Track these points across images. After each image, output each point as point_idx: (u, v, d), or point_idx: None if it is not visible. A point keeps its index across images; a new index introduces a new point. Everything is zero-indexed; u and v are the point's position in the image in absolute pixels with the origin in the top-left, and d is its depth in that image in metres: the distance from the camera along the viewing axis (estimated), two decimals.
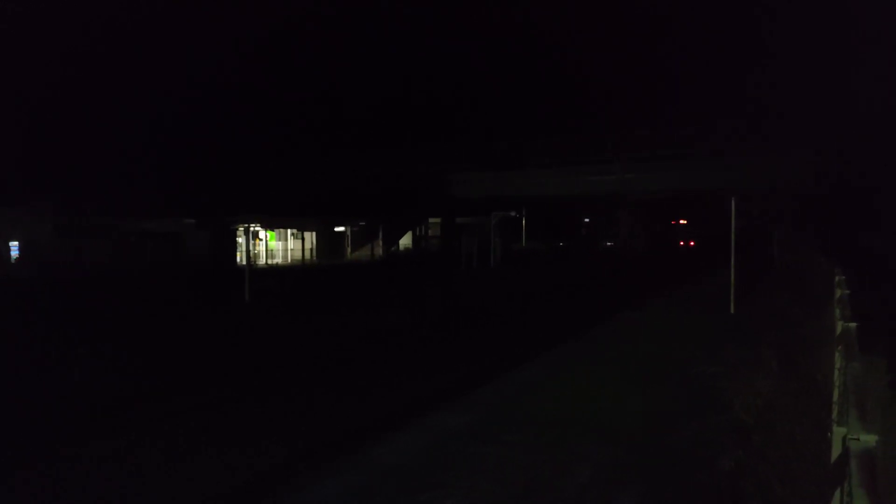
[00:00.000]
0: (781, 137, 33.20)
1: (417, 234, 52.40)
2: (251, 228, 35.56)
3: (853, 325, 5.06)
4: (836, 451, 2.76)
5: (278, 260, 41.96)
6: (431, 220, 52.80)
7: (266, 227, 40.45)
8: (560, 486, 5.26)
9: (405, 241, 51.07)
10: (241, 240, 37.65)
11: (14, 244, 29.52)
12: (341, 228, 45.57)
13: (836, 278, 9.47)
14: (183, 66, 37.53)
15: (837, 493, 2.56)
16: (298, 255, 43.09)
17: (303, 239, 43.56)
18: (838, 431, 2.76)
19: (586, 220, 74.29)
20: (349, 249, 46.34)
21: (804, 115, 32.06)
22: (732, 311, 14.79)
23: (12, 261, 29.28)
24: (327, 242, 44.59)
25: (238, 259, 36.79)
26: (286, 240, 43.34)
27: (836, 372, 4.75)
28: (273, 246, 42.35)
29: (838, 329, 5.69)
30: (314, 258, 43.34)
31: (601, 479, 5.40)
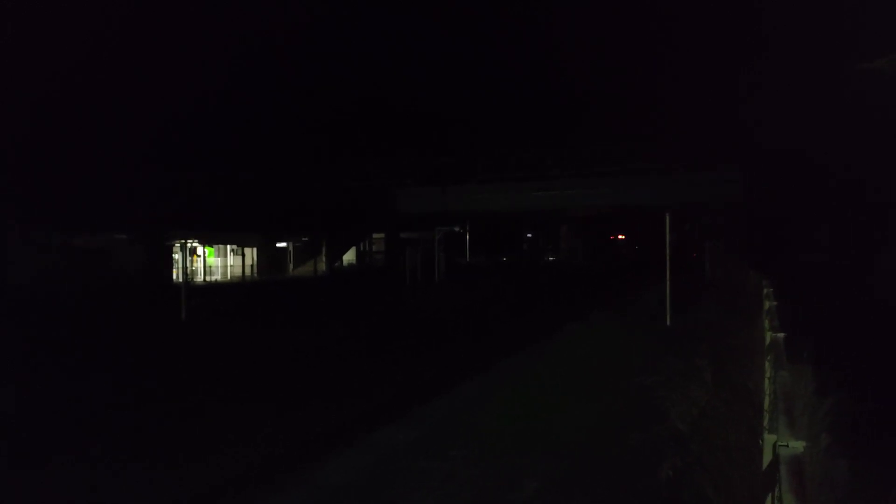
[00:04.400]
0: (711, 154, 34.76)
1: (361, 249, 51.99)
2: (188, 244, 34.48)
3: (781, 335, 5.28)
4: (767, 458, 2.86)
5: (217, 277, 40.83)
6: (375, 235, 52.52)
7: (204, 242, 39.31)
8: (507, 500, 5.28)
9: (349, 256, 50.57)
10: (177, 256, 36.45)
11: None
12: (283, 244, 44.75)
13: (765, 291, 9.89)
14: (116, 70, 36.17)
15: (769, 499, 2.66)
16: (238, 271, 42.04)
17: (243, 255, 42.55)
18: (769, 438, 2.87)
19: (529, 235, 75.51)
20: (291, 265, 45.53)
21: (733, 132, 33.64)
22: (668, 322, 15.23)
23: None
24: (269, 258, 43.70)
25: (174, 276, 35.59)
26: (226, 256, 42.24)
27: (767, 380, 4.95)
28: (212, 262, 41.18)
29: (767, 339, 5.94)
30: (255, 274, 42.38)
31: (547, 491, 5.44)
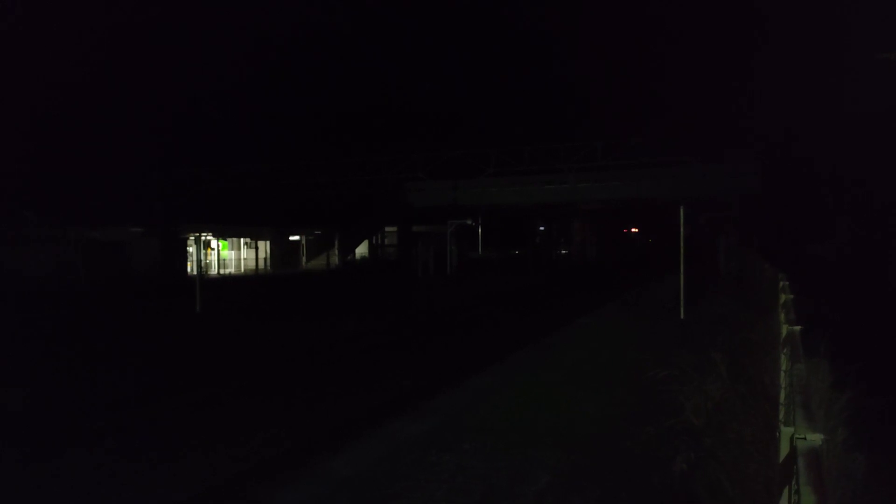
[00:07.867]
0: (724, 147, 34.46)
1: (374, 242, 52.01)
2: (203, 237, 34.70)
3: (797, 328, 5.22)
4: (783, 451, 2.83)
5: (231, 270, 41.06)
6: (388, 228, 52.51)
7: (218, 235, 39.54)
8: (518, 493, 5.27)
9: (361, 249, 50.63)
10: (191, 249, 36.70)
11: None
12: (296, 237, 44.91)
13: (781, 284, 9.78)
14: (132, 71, 36.52)
15: (786, 491, 2.63)
16: (252, 264, 42.26)
17: (256, 248, 42.75)
18: (785, 431, 2.83)
19: (541, 228, 75.20)
20: (304, 258, 45.68)
21: (746, 126, 33.32)
22: (682, 316, 15.11)
23: None
24: (282, 251, 43.87)
25: (189, 269, 35.85)
26: (239, 249, 42.46)
27: (782, 374, 4.90)
28: (225, 255, 41.41)
29: (783, 332, 5.87)
30: (268, 268, 42.58)
31: (559, 484, 5.43)
